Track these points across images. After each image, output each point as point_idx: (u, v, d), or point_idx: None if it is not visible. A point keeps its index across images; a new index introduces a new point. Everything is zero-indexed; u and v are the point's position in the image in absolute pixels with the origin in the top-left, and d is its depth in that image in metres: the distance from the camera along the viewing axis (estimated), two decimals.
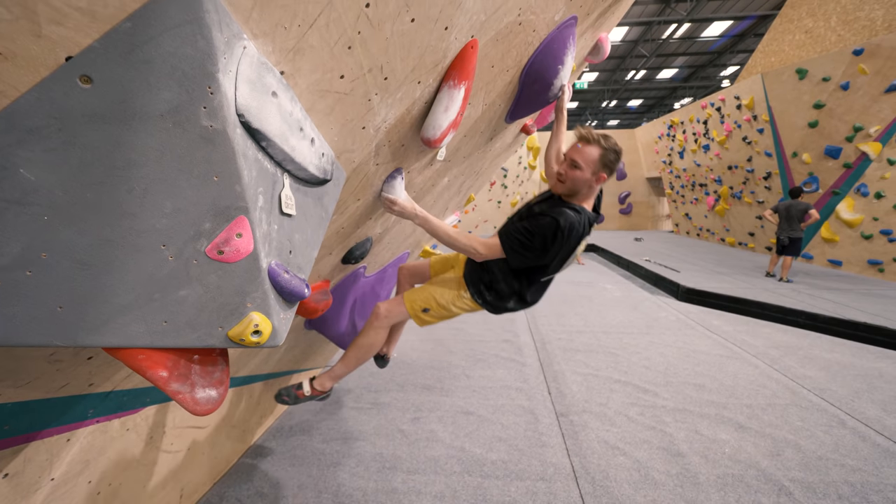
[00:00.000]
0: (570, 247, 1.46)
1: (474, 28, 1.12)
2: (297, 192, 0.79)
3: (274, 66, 0.68)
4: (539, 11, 1.35)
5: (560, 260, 1.49)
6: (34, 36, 0.45)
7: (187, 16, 0.51)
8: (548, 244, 1.41)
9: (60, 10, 0.45)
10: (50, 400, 0.85)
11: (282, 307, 0.70)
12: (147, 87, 0.52)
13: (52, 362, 0.78)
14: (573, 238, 1.43)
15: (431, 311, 1.61)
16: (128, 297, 0.57)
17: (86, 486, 1.08)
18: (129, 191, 0.55)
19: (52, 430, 0.92)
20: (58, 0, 0.44)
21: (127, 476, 1.22)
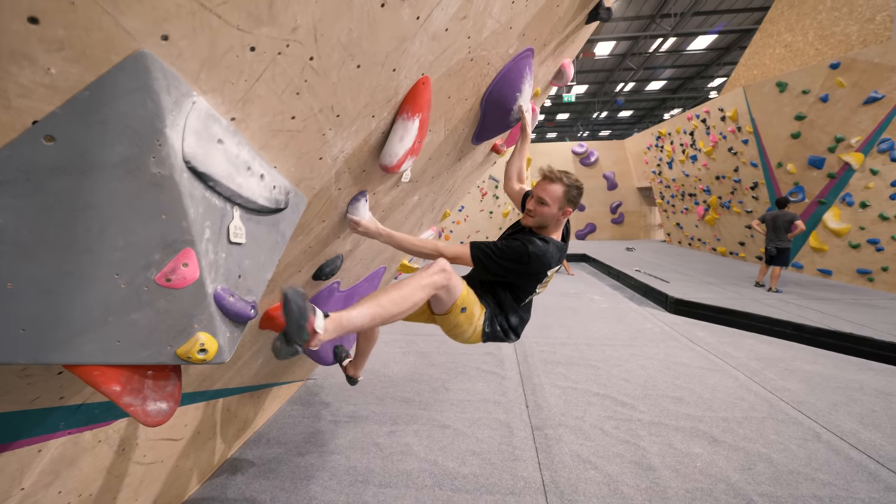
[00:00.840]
0: (536, 271, 1.58)
1: (423, 67, 1.23)
2: (249, 222, 0.88)
3: (223, 116, 0.78)
4: (490, 48, 1.47)
5: (530, 282, 1.62)
6: (4, 108, 0.54)
7: (137, 83, 0.61)
8: (513, 264, 1.53)
9: (27, 87, 0.54)
10: (22, 412, 0.93)
11: (228, 327, 0.78)
12: (102, 143, 0.61)
13: (23, 377, 0.85)
14: (540, 264, 1.55)
15: (468, 311, 1.53)
16: (84, 320, 0.66)
17: (56, 496, 1.14)
18: (87, 230, 0.64)
19: (24, 442, 0.99)
20: (24, 79, 0.54)
21: (98, 487, 1.28)
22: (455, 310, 1.49)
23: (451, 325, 1.54)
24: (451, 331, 1.57)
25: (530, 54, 1.75)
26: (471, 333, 1.56)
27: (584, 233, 14.92)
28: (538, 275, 1.60)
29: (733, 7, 13.99)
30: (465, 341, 1.60)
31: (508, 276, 1.59)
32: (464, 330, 1.54)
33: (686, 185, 10.72)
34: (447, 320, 1.53)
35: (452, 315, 1.50)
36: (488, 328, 1.59)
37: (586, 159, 14.82)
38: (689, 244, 11.56)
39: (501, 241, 1.59)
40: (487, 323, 1.58)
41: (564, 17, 1.79)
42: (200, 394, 1.70)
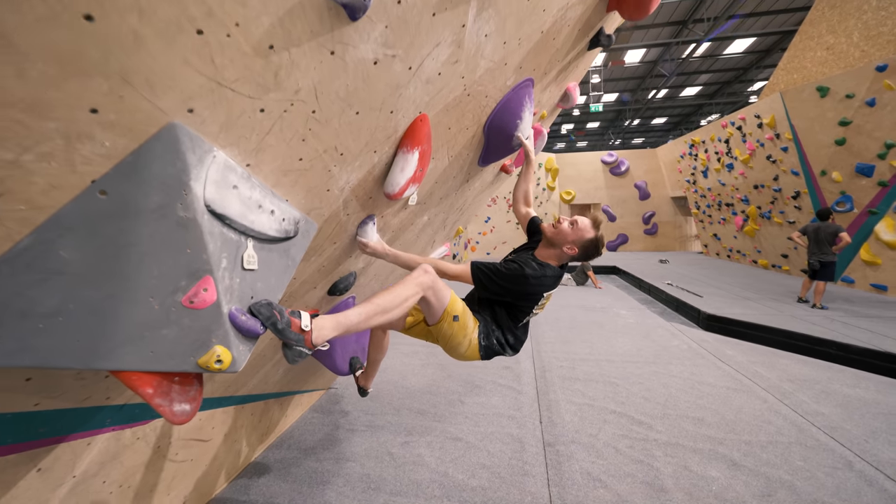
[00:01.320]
0: (532, 292, 1.67)
1: (420, 106, 1.36)
2: (262, 251, 1.03)
3: (239, 164, 0.93)
4: (486, 83, 1.58)
5: (526, 302, 1.70)
6: (72, 172, 0.71)
7: (168, 148, 0.76)
8: (510, 283, 1.63)
9: (88, 157, 0.71)
10: (76, 409, 1.11)
11: (241, 342, 0.92)
12: (142, 195, 0.77)
13: (78, 379, 1.03)
14: (536, 286, 1.65)
15: (460, 319, 1.59)
16: (125, 334, 0.81)
17: (100, 485, 1.32)
18: (129, 262, 0.79)
19: (77, 435, 1.17)
20: (86, 151, 0.70)
21: (136, 480, 1.46)
22: (447, 317, 1.57)
23: (446, 337, 1.61)
24: (447, 343, 1.64)
25: (530, 83, 1.85)
26: (467, 346, 1.63)
27: (615, 244, 14.53)
28: (534, 296, 1.67)
29: (772, 9, 13.46)
30: (463, 355, 1.67)
31: (506, 295, 1.67)
32: (459, 342, 1.62)
33: (723, 195, 10.28)
34: (441, 330, 1.60)
35: (445, 324, 1.58)
36: (484, 341, 1.66)
37: (616, 169, 14.53)
38: (727, 256, 11.00)
39: (501, 263, 1.68)
40: (483, 336, 1.66)
41: (563, 47, 1.88)
42: (227, 398, 1.88)
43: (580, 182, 14.67)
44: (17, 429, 1.02)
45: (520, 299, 1.68)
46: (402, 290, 1.40)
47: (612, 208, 14.49)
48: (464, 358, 1.71)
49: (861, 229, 6.49)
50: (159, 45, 0.66)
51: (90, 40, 0.59)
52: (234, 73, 0.79)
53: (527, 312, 1.72)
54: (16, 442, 1.05)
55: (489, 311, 1.71)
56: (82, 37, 0.58)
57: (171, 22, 0.65)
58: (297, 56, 0.87)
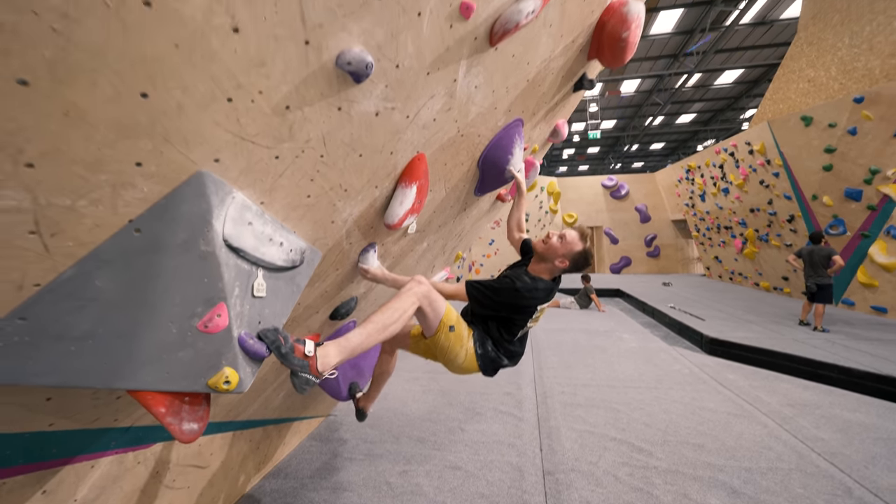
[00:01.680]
0: (525, 305, 1.73)
1: (418, 146, 1.50)
2: (270, 279, 1.13)
3: (254, 203, 1.05)
4: (479, 125, 1.73)
5: (520, 316, 1.77)
6: (114, 214, 0.82)
7: (196, 192, 0.88)
8: (503, 297, 1.70)
9: (129, 201, 0.82)
10: (86, 430, 1.17)
11: (248, 364, 1.01)
12: (171, 232, 0.88)
13: (93, 400, 1.11)
14: (528, 299, 1.71)
15: (456, 330, 1.65)
16: (145, 356, 0.90)
17: None
18: (155, 291, 0.90)
19: (83, 457, 1.22)
20: (128, 196, 0.82)
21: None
22: (443, 328, 1.62)
23: (444, 349, 1.66)
24: (445, 355, 1.68)
25: (520, 123, 2.00)
26: (464, 356, 1.68)
27: (619, 266, 14.58)
28: (527, 309, 1.73)
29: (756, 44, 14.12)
30: (461, 366, 1.71)
31: (501, 310, 1.73)
32: (456, 353, 1.66)
33: (721, 218, 10.43)
34: (439, 342, 1.65)
35: (442, 335, 1.62)
36: (480, 349, 1.70)
37: (616, 192, 14.79)
38: (729, 279, 11.02)
39: (494, 279, 1.77)
40: (478, 344, 1.70)
41: (549, 91, 2.05)
42: (228, 423, 1.92)
43: (581, 205, 14.91)
44: (31, 449, 1.09)
45: (514, 313, 1.74)
46: (399, 302, 1.46)
47: (615, 231, 14.64)
48: (463, 370, 1.74)
49: (856, 252, 6.57)
50: (197, 112, 0.79)
51: (143, 112, 0.72)
52: (255, 129, 0.92)
53: (521, 326, 1.77)
54: (26, 462, 1.11)
55: (483, 325, 1.77)
56: (137, 110, 0.71)
57: (208, 94, 0.78)
58: (309, 113, 1.00)
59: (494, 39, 1.37)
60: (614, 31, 1.88)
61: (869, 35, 7.18)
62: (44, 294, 0.81)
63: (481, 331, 1.76)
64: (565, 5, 1.63)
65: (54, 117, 0.66)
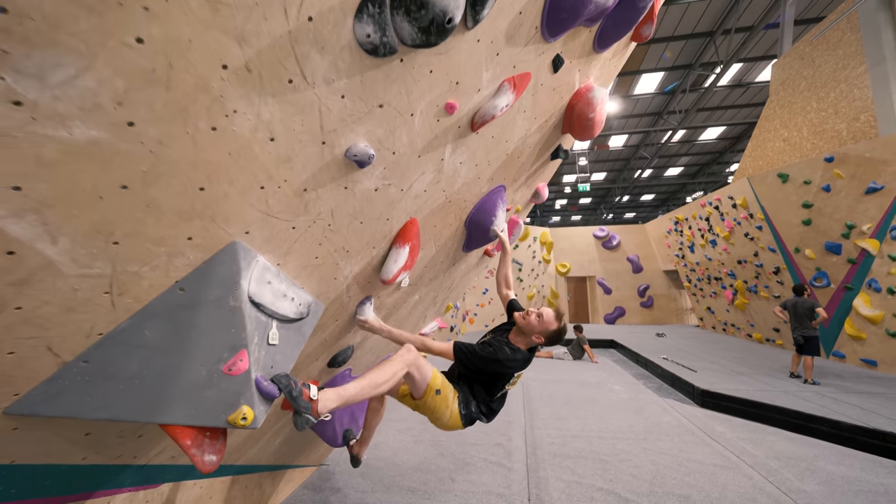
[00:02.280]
0: (503, 372, 1.95)
1: (410, 213, 1.76)
2: (282, 329, 1.33)
3: (272, 265, 1.28)
4: (464, 192, 2.01)
5: (499, 379, 1.97)
6: (165, 276, 1.04)
7: (229, 258, 1.11)
8: (484, 363, 1.90)
9: (178, 266, 1.05)
10: (107, 466, 1.30)
11: (261, 403, 1.18)
12: (207, 290, 1.10)
13: (118, 436, 1.26)
14: (506, 368, 1.92)
15: (442, 393, 1.82)
16: (178, 394, 1.08)
17: None
18: (190, 339, 1.09)
19: (102, 493, 1.34)
20: (178, 263, 1.04)
21: None
22: (430, 392, 1.81)
23: (430, 409, 1.84)
24: (432, 414, 1.86)
25: (502, 189, 2.29)
26: (449, 416, 1.84)
27: (612, 317, 14.61)
28: (505, 375, 1.93)
29: (735, 103, 15.26)
30: (447, 424, 1.87)
31: (482, 374, 1.93)
32: (441, 412, 1.83)
33: (710, 269, 10.69)
34: (426, 403, 1.83)
35: (429, 398, 1.81)
36: (464, 410, 1.87)
37: (608, 243, 15.18)
38: (723, 330, 11.07)
39: (478, 345, 1.96)
40: (462, 405, 1.87)
41: (528, 161, 2.37)
42: (227, 467, 2.01)
43: (574, 255, 15.23)
44: (65, 481, 1.22)
45: (493, 378, 1.93)
46: (391, 366, 1.68)
47: (608, 281, 14.85)
48: (447, 427, 1.90)
49: (841, 304, 6.75)
50: (237, 198, 1.04)
51: (199, 200, 0.97)
52: (279, 208, 1.17)
53: (500, 388, 1.96)
54: (57, 495, 1.24)
55: (468, 386, 1.95)
56: (196, 199, 0.96)
57: (247, 184, 1.04)
58: (321, 193, 1.26)
59: (475, 127, 1.67)
60: (582, 112, 2.22)
61: (834, 100, 7.88)
62: (104, 341, 1.01)
63: (466, 392, 1.94)
64: (537, 95, 1.96)
65: (139, 209, 0.90)
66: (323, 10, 0.93)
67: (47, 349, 0.95)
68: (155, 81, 0.78)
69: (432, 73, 1.30)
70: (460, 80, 1.42)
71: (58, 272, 0.86)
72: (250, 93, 0.92)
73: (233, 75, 0.87)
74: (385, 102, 1.24)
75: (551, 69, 1.85)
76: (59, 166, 0.76)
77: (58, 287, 0.88)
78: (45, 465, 1.15)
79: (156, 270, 1.01)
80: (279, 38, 0.90)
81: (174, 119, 0.84)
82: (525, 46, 1.59)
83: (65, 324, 0.93)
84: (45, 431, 1.09)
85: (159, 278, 1.03)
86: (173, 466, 1.63)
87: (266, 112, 0.98)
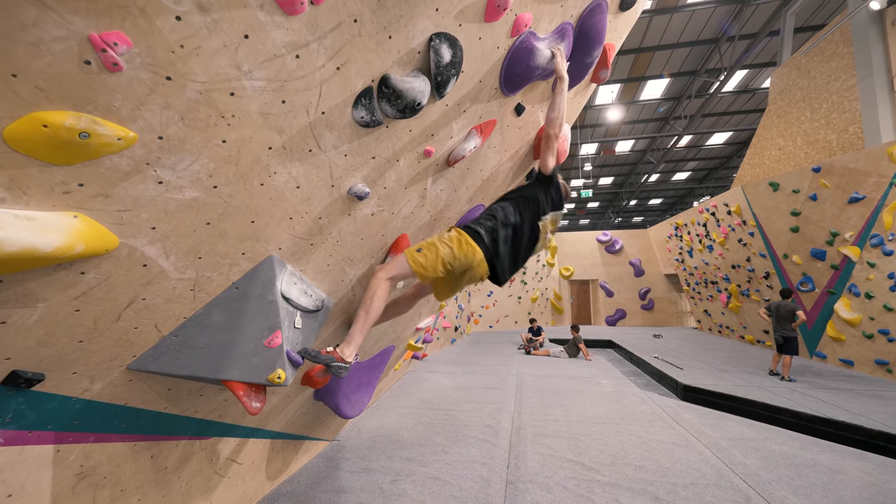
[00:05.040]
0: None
1: (401, 229, 2.25)
2: (304, 317, 1.83)
3: (297, 271, 1.78)
4: (447, 211, 2.50)
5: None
6: (226, 279, 1.55)
7: (268, 266, 1.62)
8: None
9: (235, 272, 1.56)
10: (177, 416, 1.82)
11: (290, 367, 1.68)
12: (253, 287, 1.61)
13: (188, 393, 1.77)
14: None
15: (423, 249, 1.87)
16: (235, 360, 1.58)
17: (176, 479, 1.96)
18: (241, 321, 1.60)
19: (172, 437, 1.84)
20: (235, 270, 1.55)
21: (195, 482, 2.09)
22: (411, 258, 1.85)
23: (433, 268, 1.85)
24: (460, 263, 1.89)
25: (482, 206, 2.77)
26: (443, 250, 1.87)
27: (614, 319, 14.91)
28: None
29: (742, 109, 15.41)
30: (473, 265, 1.90)
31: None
32: (433, 253, 1.86)
33: (707, 273, 10.95)
34: (431, 264, 1.85)
35: (412, 257, 1.85)
36: (480, 229, 1.94)
37: (611, 247, 15.46)
38: (718, 332, 11.32)
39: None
40: (477, 230, 1.94)
41: (504, 182, 2.84)
42: (257, 431, 2.53)
43: (578, 259, 15.56)
44: (151, 423, 1.74)
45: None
46: (369, 290, 1.84)
47: (610, 284, 15.14)
48: (468, 251, 1.89)
49: (824, 307, 7.03)
50: (274, 226, 1.54)
51: (251, 229, 1.47)
52: (301, 231, 1.67)
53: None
54: (148, 433, 1.76)
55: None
56: (248, 229, 1.47)
57: (282, 217, 1.54)
58: (331, 219, 1.76)
59: (451, 163, 2.15)
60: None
61: (826, 111, 8.14)
62: (187, 322, 1.53)
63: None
64: (504, 133, 2.43)
65: (215, 236, 1.40)
66: (331, 106, 1.43)
67: (154, 327, 1.47)
68: (230, 161, 1.28)
69: (411, 131, 1.79)
70: (435, 133, 1.91)
71: (166, 276, 1.37)
72: (285, 161, 1.42)
73: (274, 152, 1.38)
74: (377, 155, 1.73)
75: (515, 114, 2.32)
76: (175, 214, 1.26)
77: (165, 286, 1.39)
78: (141, 409, 1.67)
79: (221, 275, 1.52)
80: (303, 126, 1.40)
81: (239, 181, 1.35)
82: (488, 102, 2.07)
83: (166, 310, 1.45)
84: (145, 384, 1.61)
85: (222, 280, 1.54)
86: (219, 423, 2.15)
87: (294, 171, 1.48)
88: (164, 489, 1.90)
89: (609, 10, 2.24)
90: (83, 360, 1.33)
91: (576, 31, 2.13)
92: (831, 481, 2.93)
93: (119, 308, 1.30)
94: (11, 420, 1.27)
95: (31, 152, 0.85)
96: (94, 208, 1.03)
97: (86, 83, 0.85)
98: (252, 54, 1.07)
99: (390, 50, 1.40)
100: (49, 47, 0.77)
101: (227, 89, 1.08)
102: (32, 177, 0.89)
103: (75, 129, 0.86)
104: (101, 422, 1.53)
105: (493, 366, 7.41)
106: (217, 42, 0.98)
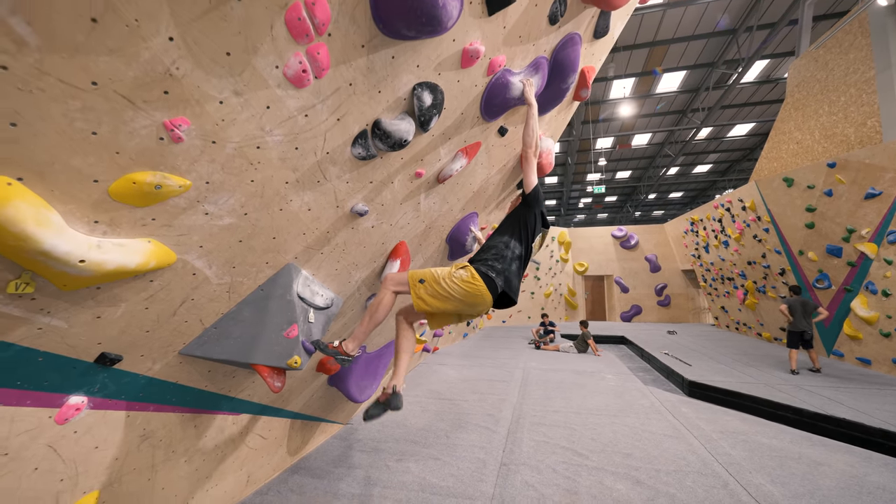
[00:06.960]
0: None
1: (399, 237, 2.60)
2: (316, 314, 2.21)
3: (310, 274, 2.16)
4: (441, 220, 2.83)
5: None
6: (254, 282, 1.94)
7: (287, 272, 2.00)
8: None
9: (262, 277, 1.94)
10: (215, 394, 2.23)
11: (305, 355, 2.06)
12: (275, 289, 1.99)
13: (223, 374, 2.18)
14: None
15: (427, 282, 1.95)
16: (261, 347, 1.97)
17: (213, 448, 2.39)
18: (265, 316, 1.99)
19: (210, 412, 2.27)
20: (262, 275, 1.94)
21: (228, 450, 2.52)
22: (414, 290, 1.98)
23: (433, 298, 1.97)
24: (446, 300, 1.97)
25: (475, 214, 3.09)
26: (448, 289, 1.96)
27: (629, 315, 14.87)
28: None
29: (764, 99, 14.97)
30: (471, 293, 1.99)
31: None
32: (437, 290, 1.97)
33: (724, 269, 10.84)
34: (426, 300, 1.97)
35: (415, 289, 1.98)
36: (486, 269, 2.03)
37: (626, 242, 15.39)
38: (735, 328, 11.18)
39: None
40: (482, 268, 2.03)
41: (494, 193, 3.14)
42: (279, 410, 2.95)
43: (592, 254, 15.56)
44: (194, 399, 2.16)
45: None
46: (377, 297, 2.06)
47: (625, 280, 15.09)
48: (478, 295, 1.97)
49: (841, 305, 6.95)
50: (291, 241, 1.92)
51: (273, 244, 1.86)
52: (313, 242, 2.04)
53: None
54: (192, 407, 2.18)
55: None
56: (271, 244, 1.85)
57: (297, 233, 1.92)
58: (337, 233, 2.12)
59: (441, 181, 2.48)
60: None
61: (844, 105, 7.96)
62: (224, 317, 1.93)
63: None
64: (490, 152, 2.74)
65: (246, 250, 1.79)
66: (334, 147, 1.78)
67: (199, 320, 1.87)
68: (256, 195, 1.66)
69: (402, 159, 2.13)
70: (424, 158, 2.24)
71: (209, 282, 1.76)
72: (298, 191, 1.79)
73: (290, 185, 1.74)
74: (373, 179, 2.08)
75: (499, 135, 2.63)
76: (217, 235, 1.65)
77: (207, 289, 1.78)
78: (188, 387, 2.09)
79: (250, 279, 1.91)
80: (312, 164, 1.76)
81: (263, 209, 1.72)
82: (471, 128, 2.38)
83: (208, 307, 1.85)
84: (191, 367, 2.02)
85: (251, 284, 1.93)
86: (249, 402, 2.57)
87: (306, 197, 1.85)
88: (204, 454, 2.33)
89: (583, 40, 2.51)
90: (148, 345, 1.74)
91: (550, 62, 2.41)
92: (812, 472, 3.10)
93: (175, 306, 1.71)
94: (98, 390, 1.70)
95: (124, 200, 1.24)
96: (161, 235, 1.42)
97: (159, 152, 1.23)
98: (272, 118, 1.43)
99: (380, 101, 1.74)
100: (139, 132, 1.16)
101: (254, 144, 1.45)
102: (123, 216, 1.28)
103: (152, 183, 1.24)
104: (159, 395, 1.95)
105: (502, 360, 7.70)
106: (247, 114, 1.35)
